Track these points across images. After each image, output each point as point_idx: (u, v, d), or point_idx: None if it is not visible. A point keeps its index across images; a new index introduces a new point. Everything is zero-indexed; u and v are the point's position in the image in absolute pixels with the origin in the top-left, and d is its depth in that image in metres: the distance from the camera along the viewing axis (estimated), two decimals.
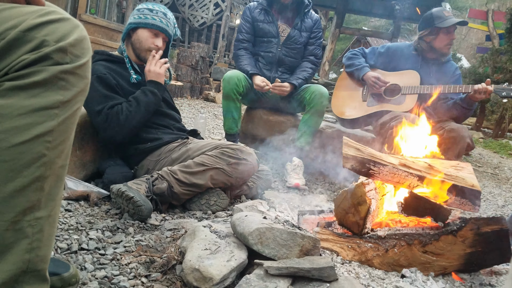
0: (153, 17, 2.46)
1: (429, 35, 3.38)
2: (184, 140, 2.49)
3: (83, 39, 1.00)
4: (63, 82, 0.96)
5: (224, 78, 3.36)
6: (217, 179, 2.27)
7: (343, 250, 1.72)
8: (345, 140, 1.93)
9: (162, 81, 2.45)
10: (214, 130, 5.45)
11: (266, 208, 2.13)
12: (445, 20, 3.28)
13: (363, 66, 3.52)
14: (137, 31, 2.47)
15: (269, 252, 1.48)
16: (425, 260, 1.70)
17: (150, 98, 2.36)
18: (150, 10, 2.47)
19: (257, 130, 3.77)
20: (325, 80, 9.62)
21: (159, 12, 2.49)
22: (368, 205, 1.69)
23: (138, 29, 2.47)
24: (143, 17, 2.45)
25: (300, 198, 2.75)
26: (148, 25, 2.45)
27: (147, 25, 2.45)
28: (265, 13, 3.53)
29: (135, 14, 2.50)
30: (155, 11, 2.47)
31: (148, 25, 2.45)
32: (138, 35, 2.47)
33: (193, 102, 8.36)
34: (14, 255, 0.95)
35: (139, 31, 2.47)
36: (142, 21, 2.45)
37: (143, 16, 2.46)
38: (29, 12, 0.94)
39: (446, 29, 3.29)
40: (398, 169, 1.86)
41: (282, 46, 3.52)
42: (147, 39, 2.46)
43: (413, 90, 3.35)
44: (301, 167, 3.27)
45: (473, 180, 1.94)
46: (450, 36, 3.33)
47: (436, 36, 3.35)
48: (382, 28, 22.73)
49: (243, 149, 2.36)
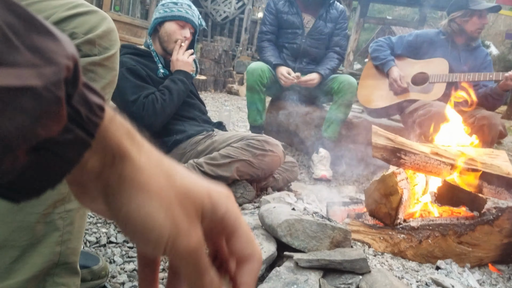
0: (178, 9, 2.48)
1: (462, 17, 3.28)
2: (210, 132, 2.47)
3: (111, 31, 1.00)
4: (92, 73, 0.96)
5: (248, 70, 3.33)
6: (243, 171, 2.25)
7: (375, 242, 1.68)
8: (374, 129, 1.88)
9: (189, 70, 2.44)
10: (238, 123, 5.43)
11: (294, 199, 2.10)
12: (480, 4, 3.20)
13: (388, 60, 3.44)
14: (164, 24, 2.49)
15: (298, 244, 1.45)
16: (460, 251, 1.64)
17: (180, 86, 2.36)
18: (175, 3, 2.50)
19: (282, 121, 3.73)
20: (350, 71, 9.49)
21: (184, 4, 2.52)
22: (400, 195, 1.64)
23: (165, 22, 2.49)
24: (169, 10, 2.48)
25: (328, 190, 2.70)
26: (174, 17, 2.47)
27: (173, 17, 2.47)
28: (289, 5, 3.49)
29: (160, 9, 2.52)
30: (179, 4, 2.50)
31: (174, 17, 2.47)
32: (165, 28, 2.48)
33: (216, 96, 8.37)
34: (46, 247, 0.95)
35: (166, 24, 2.48)
36: (168, 14, 2.47)
37: (169, 9, 2.48)
38: (58, 6, 0.94)
39: (480, 12, 3.20)
40: (430, 157, 1.80)
41: (307, 37, 3.47)
42: (175, 31, 2.47)
43: (441, 78, 3.26)
44: (328, 158, 3.22)
45: (508, 167, 1.87)
46: (482, 20, 3.22)
47: (469, 18, 3.25)
48: (407, 17, 22.30)
49: (269, 140, 2.33)
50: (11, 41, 0.28)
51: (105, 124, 0.37)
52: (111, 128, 0.38)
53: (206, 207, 0.43)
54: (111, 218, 0.41)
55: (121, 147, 0.39)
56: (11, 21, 0.29)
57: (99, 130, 0.36)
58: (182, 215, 0.41)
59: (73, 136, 0.33)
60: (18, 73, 0.28)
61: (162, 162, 0.43)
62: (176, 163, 0.45)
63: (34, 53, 0.29)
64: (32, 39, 0.29)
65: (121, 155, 0.39)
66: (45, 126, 0.30)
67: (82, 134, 0.33)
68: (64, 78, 0.30)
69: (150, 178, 0.40)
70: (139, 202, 0.39)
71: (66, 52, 0.31)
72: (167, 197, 0.40)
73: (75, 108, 0.32)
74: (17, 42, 0.28)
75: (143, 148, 0.42)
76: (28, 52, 0.29)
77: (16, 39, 0.28)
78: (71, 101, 0.32)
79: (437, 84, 3.28)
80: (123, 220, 0.39)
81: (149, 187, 0.40)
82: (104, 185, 0.39)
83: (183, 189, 0.42)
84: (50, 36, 0.31)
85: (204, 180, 0.45)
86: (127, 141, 0.40)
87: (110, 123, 0.38)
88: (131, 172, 0.39)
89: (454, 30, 3.34)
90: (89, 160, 0.37)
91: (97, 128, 0.35)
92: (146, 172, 0.40)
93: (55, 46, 0.31)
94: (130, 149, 0.40)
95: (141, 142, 0.42)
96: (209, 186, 0.44)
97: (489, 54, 3.56)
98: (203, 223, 0.42)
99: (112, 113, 0.39)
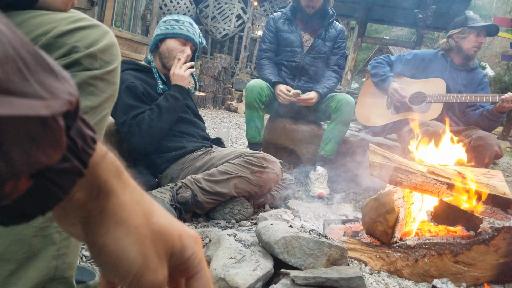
0: (180, 27, 2.51)
1: (459, 34, 3.38)
2: (208, 148, 2.49)
3: (113, 45, 1.01)
4: (92, 87, 0.96)
5: (247, 87, 3.36)
6: (241, 187, 2.25)
7: (371, 260, 1.68)
8: (371, 148, 1.89)
9: (185, 85, 2.45)
10: (237, 140, 5.45)
11: (291, 217, 2.10)
12: (478, 22, 3.30)
13: (388, 76, 3.48)
14: (165, 41, 2.52)
15: (295, 261, 1.45)
16: (456, 270, 1.64)
17: (171, 103, 2.36)
18: (177, 20, 2.53)
19: (280, 139, 3.75)
20: (348, 90, 9.56)
21: (185, 22, 2.54)
22: (396, 214, 1.65)
23: (166, 39, 2.52)
24: (170, 27, 2.51)
25: (325, 208, 2.70)
26: (176, 34, 2.50)
27: (175, 35, 2.50)
28: (289, 23, 3.54)
29: (161, 26, 2.55)
30: (181, 21, 2.53)
31: (176, 35, 2.50)
32: (166, 45, 2.51)
33: (215, 112, 8.40)
34: (42, 261, 0.95)
35: (167, 41, 2.51)
36: (170, 31, 2.50)
37: (170, 27, 2.51)
38: (60, 19, 0.95)
39: (477, 31, 3.29)
40: (427, 177, 1.81)
41: (306, 55, 3.51)
42: (176, 48, 2.50)
43: (438, 99, 3.29)
44: (325, 176, 3.23)
45: (504, 188, 1.88)
46: (479, 39, 3.30)
47: (466, 36, 3.34)
48: (404, 38, 22.55)
49: (267, 157, 2.35)
50: (24, 74, 0.30)
51: (97, 161, 0.41)
52: (101, 165, 0.41)
53: (175, 248, 0.46)
54: (85, 243, 0.44)
55: (108, 184, 0.42)
56: (25, 56, 0.31)
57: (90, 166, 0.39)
58: (153, 253, 0.44)
59: (69, 165, 0.35)
60: (30, 104, 0.30)
61: (143, 200, 0.46)
62: (155, 202, 0.48)
63: (42, 87, 0.32)
64: (40, 75, 0.32)
65: (107, 191, 0.42)
66: (47, 154, 0.32)
67: (77, 163, 0.36)
68: (65, 111, 0.33)
69: (130, 214, 0.44)
70: (116, 236, 0.42)
71: (68, 89, 0.34)
72: (142, 235, 0.44)
73: (72, 139, 0.35)
74: (28, 76, 0.31)
75: (128, 187, 0.45)
76: (38, 85, 0.31)
77: (28, 73, 0.31)
78: (69, 132, 0.35)
79: (434, 104, 3.31)
80: (98, 249, 0.42)
81: (128, 223, 0.43)
82: (86, 216, 0.42)
83: (158, 229, 0.45)
84: (54, 74, 0.34)
85: (178, 222, 0.48)
86: (114, 179, 0.43)
87: (102, 160, 0.42)
88: (114, 207, 0.43)
89: (451, 47, 3.40)
90: (76, 192, 0.40)
91: (90, 158, 0.38)
92: (127, 208, 0.44)
93: (59, 83, 0.33)
94: (116, 186, 0.43)
95: (127, 180, 0.45)
96: (182, 229, 0.48)
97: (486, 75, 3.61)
98: (169, 261, 0.46)
99: (104, 151, 0.42)
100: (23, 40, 0.32)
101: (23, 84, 0.30)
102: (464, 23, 3.35)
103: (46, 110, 0.31)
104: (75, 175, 0.36)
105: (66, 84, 0.34)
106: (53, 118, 0.31)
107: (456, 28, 3.40)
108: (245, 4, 12.76)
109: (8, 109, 0.28)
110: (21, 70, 0.30)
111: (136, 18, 11.28)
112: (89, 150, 0.38)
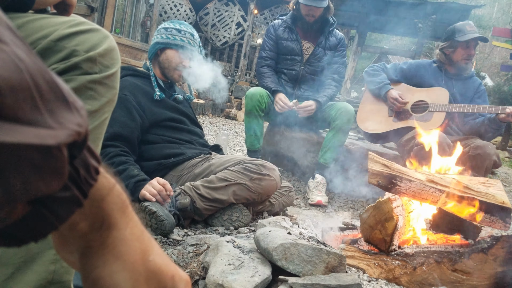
0: (181, 38, 2.50)
1: (448, 48, 3.39)
2: (207, 155, 2.49)
3: (112, 49, 1.01)
4: (92, 91, 0.96)
5: (247, 95, 3.37)
6: (239, 194, 2.25)
7: (369, 268, 1.68)
8: (370, 156, 1.90)
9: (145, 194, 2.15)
10: (236, 147, 5.45)
11: (290, 224, 2.10)
12: (465, 34, 3.28)
13: (385, 83, 3.48)
14: (165, 51, 2.52)
15: (293, 268, 1.45)
16: (454, 279, 1.64)
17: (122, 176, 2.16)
18: (178, 30, 2.52)
19: (279, 147, 3.75)
20: (347, 98, 9.58)
21: (187, 33, 2.53)
22: (395, 222, 1.65)
23: (167, 49, 2.52)
24: (172, 37, 2.50)
25: (323, 215, 2.71)
26: (177, 46, 2.49)
27: (176, 46, 2.50)
28: (289, 31, 3.55)
29: (162, 33, 2.53)
30: (183, 32, 2.52)
31: (177, 47, 2.50)
32: (167, 55, 2.51)
33: (214, 120, 8.41)
34: (40, 265, 0.95)
35: (167, 52, 2.51)
36: (171, 41, 2.50)
37: (172, 36, 2.50)
38: (60, 23, 0.95)
39: (465, 43, 3.28)
40: (426, 185, 1.81)
41: (306, 64, 3.52)
42: (176, 60, 2.50)
43: (441, 108, 3.28)
44: (323, 184, 3.23)
45: (503, 197, 1.88)
46: (468, 51, 3.30)
47: (455, 49, 3.35)
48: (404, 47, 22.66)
49: (266, 165, 2.35)
50: (36, 103, 0.31)
51: (103, 193, 0.41)
52: (107, 198, 0.42)
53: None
54: (80, 272, 0.44)
55: (112, 217, 0.43)
56: (40, 84, 0.32)
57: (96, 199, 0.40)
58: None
59: (69, 194, 0.35)
60: (37, 133, 0.30)
61: (143, 237, 0.47)
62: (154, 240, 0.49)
63: (52, 116, 0.32)
64: (52, 104, 0.33)
65: (109, 224, 0.43)
66: (48, 182, 0.32)
67: (77, 193, 0.36)
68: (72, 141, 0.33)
69: (129, 250, 0.44)
70: (113, 269, 0.43)
71: (78, 120, 0.34)
72: (137, 271, 0.44)
73: (75, 168, 0.36)
74: (40, 104, 0.31)
75: (130, 221, 0.46)
76: (48, 114, 0.32)
77: (40, 102, 0.31)
78: (74, 162, 0.35)
79: (436, 113, 3.31)
80: (92, 280, 0.43)
81: (125, 258, 0.44)
82: (86, 246, 0.43)
83: (153, 267, 0.46)
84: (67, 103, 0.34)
85: (172, 263, 0.50)
86: (118, 212, 0.44)
87: (108, 194, 0.42)
88: (114, 241, 0.43)
89: (443, 61, 3.42)
90: (80, 222, 0.41)
91: (91, 188, 0.38)
92: (127, 243, 0.44)
93: (69, 114, 0.34)
94: (119, 220, 0.44)
95: (130, 215, 0.46)
96: (175, 270, 0.49)
97: (485, 86, 3.62)
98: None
99: (112, 184, 0.43)
100: (42, 68, 0.32)
101: (32, 113, 0.31)
102: (451, 36, 3.35)
103: (52, 140, 0.31)
104: (74, 204, 0.36)
105: (77, 114, 0.35)
106: (58, 147, 0.32)
107: (445, 41, 3.42)
108: (245, 12, 12.82)
109: (13, 137, 0.29)
110: (34, 98, 0.31)
111: (136, 25, 11.33)
112: (91, 181, 0.38)
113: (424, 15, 8.78)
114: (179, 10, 12.92)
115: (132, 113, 2.31)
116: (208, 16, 13.14)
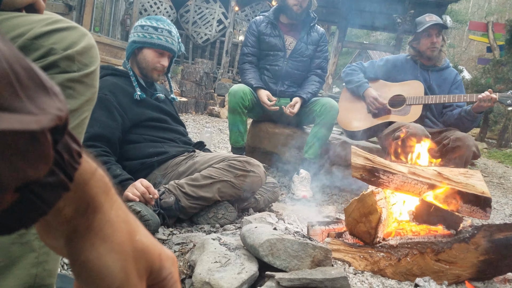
0: (158, 36, 2.44)
1: (413, 41, 3.56)
2: (191, 153, 2.48)
3: (91, 47, 0.99)
4: (70, 90, 0.95)
5: (230, 92, 3.37)
6: (224, 191, 2.25)
7: (355, 260, 1.70)
8: (353, 150, 1.92)
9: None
10: (220, 145, 5.45)
11: (275, 220, 2.11)
12: (424, 25, 3.41)
13: (362, 82, 3.55)
14: (142, 50, 2.46)
15: (280, 263, 1.46)
16: (438, 268, 1.67)
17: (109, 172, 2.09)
18: (155, 28, 2.44)
19: (263, 143, 3.76)
20: (329, 94, 9.63)
21: (164, 30, 2.46)
22: (379, 214, 1.67)
23: (144, 48, 2.45)
24: (148, 36, 2.43)
25: (309, 210, 2.72)
26: (154, 45, 2.43)
27: (153, 45, 2.43)
28: (271, 27, 3.55)
29: (139, 31, 2.46)
30: (160, 30, 2.45)
31: (154, 45, 2.43)
32: (144, 55, 2.46)
33: (198, 118, 8.38)
34: (21, 269, 0.93)
35: (144, 51, 2.45)
36: (147, 40, 2.43)
37: (148, 35, 2.43)
38: (36, 21, 0.93)
39: (425, 33, 3.42)
40: (408, 177, 1.84)
41: (289, 59, 3.53)
42: (153, 59, 2.45)
43: (417, 101, 3.36)
44: (308, 179, 3.25)
45: (483, 187, 1.92)
46: (430, 39, 3.43)
47: (419, 41, 3.50)
48: (383, 42, 22.86)
49: (250, 161, 2.35)
50: (16, 90, 0.31)
51: (86, 177, 0.42)
52: (90, 182, 0.43)
53: (155, 267, 0.48)
54: (66, 257, 0.45)
55: (96, 200, 0.43)
56: (18, 72, 0.32)
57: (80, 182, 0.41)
58: (134, 270, 0.45)
59: (56, 179, 0.36)
60: (20, 119, 0.31)
61: (128, 218, 0.48)
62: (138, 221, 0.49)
63: (33, 102, 0.33)
64: (31, 90, 0.33)
65: (94, 207, 0.43)
66: (35, 167, 0.33)
67: (63, 177, 0.37)
68: (54, 126, 0.34)
69: (115, 231, 0.45)
70: (101, 251, 0.43)
71: (58, 105, 0.35)
72: (125, 252, 0.45)
73: (59, 153, 0.36)
74: (20, 91, 0.32)
75: (114, 204, 0.46)
76: (28, 101, 0.32)
77: (19, 89, 0.32)
78: (57, 146, 0.36)
79: (414, 106, 3.37)
80: (80, 264, 0.43)
81: (112, 239, 0.44)
82: (71, 230, 0.43)
83: (141, 247, 0.47)
84: (46, 89, 0.35)
85: (158, 242, 0.50)
86: (102, 195, 0.44)
87: (91, 177, 0.43)
88: (100, 224, 0.44)
89: (413, 54, 3.56)
90: (65, 207, 0.41)
91: (75, 172, 0.39)
92: (113, 225, 0.45)
93: (49, 99, 0.34)
94: (104, 203, 0.44)
95: (114, 197, 0.47)
96: (161, 249, 0.50)
97: (462, 79, 3.70)
98: (148, 279, 0.48)
99: (94, 167, 0.43)
100: (18, 55, 0.33)
101: (13, 100, 0.31)
102: (414, 29, 3.53)
103: (35, 125, 0.31)
104: (61, 189, 0.37)
105: (56, 99, 0.35)
106: (42, 132, 0.32)
107: (411, 36, 3.61)
108: (226, 9, 12.79)
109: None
110: (13, 85, 0.31)
111: (116, 23, 11.22)
112: (75, 164, 0.38)
113: (402, 10, 8.91)
114: (159, 7, 12.84)
115: (112, 113, 2.29)
116: (189, 13, 13.09)
